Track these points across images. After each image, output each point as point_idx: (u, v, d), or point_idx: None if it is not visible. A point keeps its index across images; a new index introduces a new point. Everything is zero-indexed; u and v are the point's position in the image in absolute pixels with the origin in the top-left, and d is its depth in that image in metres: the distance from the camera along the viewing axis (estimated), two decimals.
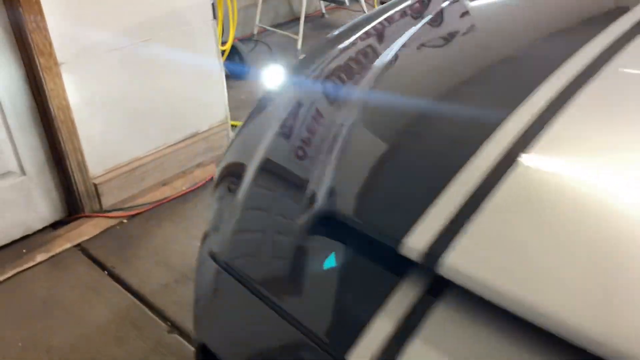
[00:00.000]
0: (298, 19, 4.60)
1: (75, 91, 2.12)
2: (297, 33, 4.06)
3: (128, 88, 2.28)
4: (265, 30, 4.29)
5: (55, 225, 2.30)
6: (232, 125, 2.78)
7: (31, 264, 2.12)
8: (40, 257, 2.14)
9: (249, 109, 3.12)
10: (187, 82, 2.46)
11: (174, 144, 2.52)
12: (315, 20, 4.61)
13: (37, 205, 2.24)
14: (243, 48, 3.56)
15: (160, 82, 2.37)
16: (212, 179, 2.57)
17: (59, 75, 2.06)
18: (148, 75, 2.32)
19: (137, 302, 1.95)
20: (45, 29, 1.98)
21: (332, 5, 4.72)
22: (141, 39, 2.24)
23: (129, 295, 1.98)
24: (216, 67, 2.55)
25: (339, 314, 0.75)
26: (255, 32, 4.24)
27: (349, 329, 0.70)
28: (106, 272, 2.09)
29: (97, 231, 2.28)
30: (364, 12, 4.28)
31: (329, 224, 0.81)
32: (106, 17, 2.12)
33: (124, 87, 2.26)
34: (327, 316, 0.76)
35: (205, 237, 1.21)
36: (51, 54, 2.02)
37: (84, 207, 2.31)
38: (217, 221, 1.09)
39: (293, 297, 0.82)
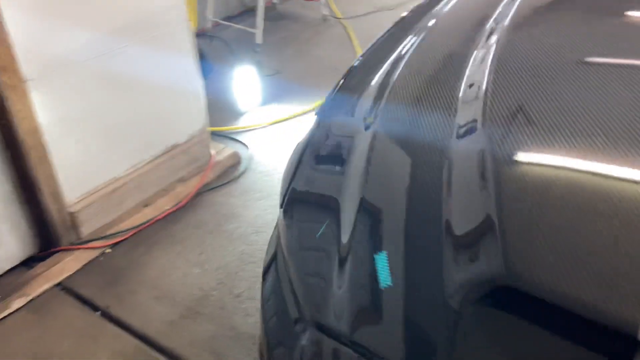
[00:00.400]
0: (249, 10, 4.37)
1: (45, 111, 1.85)
2: (252, 26, 3.84)
3: (102, 102, 2.02)
4: (219, 24, 4.03)
5: (28, 263, 2.03)
6: (211, 132, 2.56)
7: (8, 311, 1.85)
8: (17, 303, 1.87)
9: (219, 112, 2.91)
10: (164, 90, 2.23)
11: (153, 160, 2.28)
12: (267, 12, 4.37)
13: (5, 243, 1.96)
14: (204, 45, 3.31)
15: (136, 93, 2.13)
16: (196, 194, 2.36)
17: (26, 94, 1.79)
18: (123, 86, 2.07)
19: (144, 346, 1.74)
20: (8, 42, 1.70)
21: None
22: (115, 47, 1.99)
23: (132, 338, 1.76)
24: (193, 71, 2.33)
25: None
26: (209, 26, 3.98)
27: None
28: (99, 313, 1.86)
29: (78, 266, 2.03)
30: (319, 2, 4.11)
31: (508, 295, 0.67)
32: (76, 25, 1.86)
33: (98, 101, 2.00)
34: None
35: (271, 281, 1.04)
36: (16, 71, 1.74)
37: (60, 240, 2.05)
38: (308, 272, 0.91)
39: None
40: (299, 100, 3.12)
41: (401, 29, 1.32)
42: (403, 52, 1.18)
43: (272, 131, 2.87)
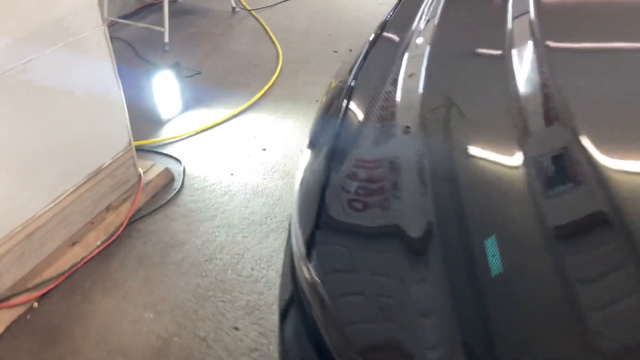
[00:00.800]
0: (147, 6, 4.02)
1: None
2: (155, 23, 3.51)
3: (12, 128, 1.67)
4: (115, 23, 3.64)
5: None
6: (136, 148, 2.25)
7: None
8: None
9: (140, 122, 2.58)
10: (82, 105, 1.89)
11: (76, 189, 1.95)
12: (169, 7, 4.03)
13: None
14: None
15: (51, 112, 1.79)
16: (130, 223, 2.06)
17: None
18: (34, 106, 1.72)
19: None
20: None
21: None
22: (18, 61, 1.64)
23: None
24: (113, 81, 2.00)
25: None
26: None
27: None
28: None
29: (1, 329, 1.68)
30: None
31: None
32: None
33: (6, 127, 1.65)
34: None
35: (293, 328, 0.87)
36: None
37: None
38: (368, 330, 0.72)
39: None
40: (225, 102, 2.86)
41: (392, 40, 1.14)
42: (413, 64, 1.02)
43: (202, 139, 2.60)
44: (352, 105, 0.99)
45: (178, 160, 2.43)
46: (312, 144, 1.03)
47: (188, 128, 2.64)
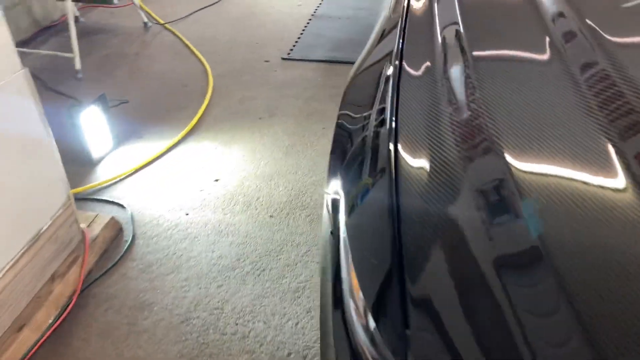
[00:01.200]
0: (44, 29, 3.62)
1: None
2: (60, 49, 3.14)
3: None
4: None
5: None
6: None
7: None
8: None
9: (68, 166, 2.27)
10: (10, 164, 1.60)
11: (14, 263, 1.64)
12: None
13: None
14: None
15: None
16: (82, 290, 1.79)
17: None
18: None
19: None
20: None
21: (84, 4, 3.79)
22: None
23: None
24: (41, 131, 1.71)
25: None
26: None
27: None
28: None
29: None
30: (133, 5, 3.52)
31: None
32: None
33: None
34: None
35: None
36: None
37: None
38: None
39: None
40: (160, 131, 2.59)
41: (424, 66, 0.99)
42: (462, 87, 0.88)
43: (143, 177, 2.32)
44: (405, 147, 0.83)
45: (122, 205, 2.15)
46: (350, 193, 0.87)
47: (125, 166, 2.36)
